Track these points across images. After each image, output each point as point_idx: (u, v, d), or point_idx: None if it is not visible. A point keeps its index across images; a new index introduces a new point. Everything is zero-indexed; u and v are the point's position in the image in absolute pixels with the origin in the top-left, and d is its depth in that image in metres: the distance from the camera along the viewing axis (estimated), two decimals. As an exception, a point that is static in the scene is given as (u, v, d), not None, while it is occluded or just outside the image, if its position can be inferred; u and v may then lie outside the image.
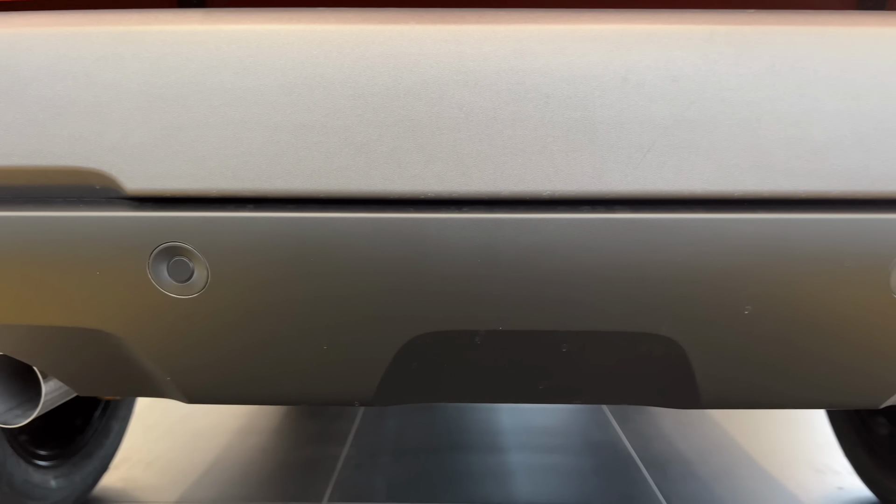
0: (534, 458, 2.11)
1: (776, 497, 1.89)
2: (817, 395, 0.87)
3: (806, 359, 0.83)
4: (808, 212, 0.76)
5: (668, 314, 0.80)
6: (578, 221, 0.76)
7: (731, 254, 0.76)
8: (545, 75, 0.75)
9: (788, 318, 0.79)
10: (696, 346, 0.82)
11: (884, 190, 0.75)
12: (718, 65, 0.74)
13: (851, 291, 0.78)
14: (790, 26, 0.76)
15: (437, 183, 0.75)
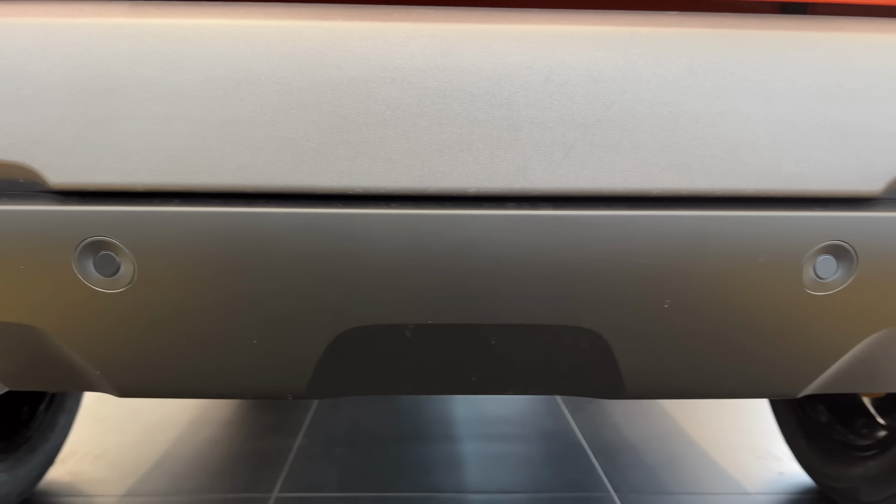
0: (486, 448, 2.14)
1: (719, 483, 1.95)
2: (737, 385, 0.90)
3: (725, 351, 0.86)
4: (723, 209, 0.78)
5: (590, 308, 0.82)
6: (504, 218, 0.77)
7: (651, 250, 0.78)
8: (470, 74, 0.76)
9: (707, 311, 0.82)
10: (618, 339, 0.84)
11: (796, 189, 0.78)
12: (638, 66, 0.76)
13: (766, 286, 0.81)
14: (708, 29, 0.78)
15: (365, 179, 0.76)
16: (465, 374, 0.92)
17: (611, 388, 0.91)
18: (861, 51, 0.79)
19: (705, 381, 0.90)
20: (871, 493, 1.70)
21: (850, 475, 1.76)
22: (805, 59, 0.78)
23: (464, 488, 1.87)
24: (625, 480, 1.93)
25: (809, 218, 0.78)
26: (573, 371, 0.91)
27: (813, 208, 0.79)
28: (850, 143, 0.78)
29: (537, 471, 1.99)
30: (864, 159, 0.78)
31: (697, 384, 0.90)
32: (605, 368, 0.88)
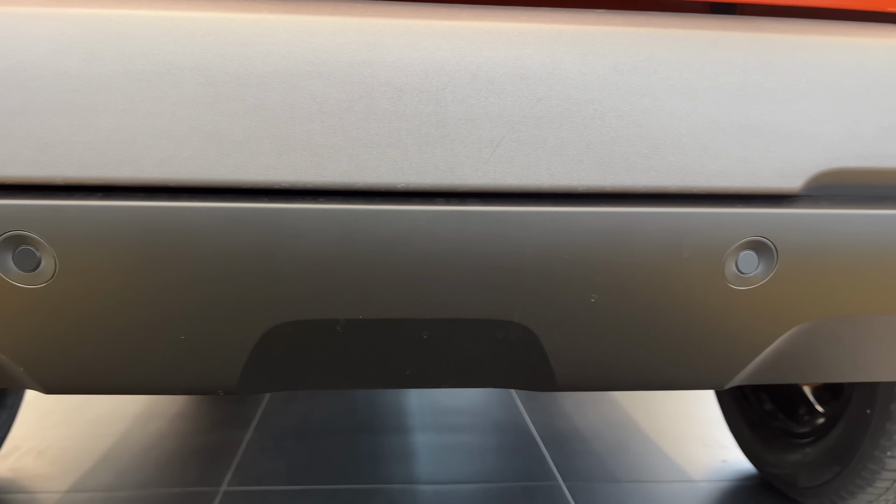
0: (438, 439, 2.15)
1: (665, 470, 1.99)
2: (665, 377, 0.92)
3: (651, 344, 0.88)
4: (647, 206, 0.80)
5: (519, 302, 0.83)
6: (433, 213, 0.78)
7: (577, 245, 0.79)
8: (398, 69, 0.76)
9: (632, 306, 0.84)
10: (547, 333, 0.85)
11: (717, 186, 0.80)
12: (564, 64, 0.77)
13: (690, 280, 0.82)
14: (633, 28, 0.79)
15: (291, 173, 0.76)
16: (399, 368, 0.92)
17: (542, 380, 0.92)
18: (781, 51, 0.80)
19: (634, 373, 0.91)
20: (808, 478, 1.76)
21: (789, 461, 1.82)
22: (727, 58, 0.80)
23: (414, 479, 1.88)
24: (573, 469, 1.96)
25: (731, 214, 0.80)
26: (505, 364, 0.92)
27: (734, 205, 0.81)
28: (770, 142, 0.80)
29: (488, 461, 2.01)
30: (783, 157, 0.80)
31: (626, 376, 0.92)
32: (536, 361, 0.89)
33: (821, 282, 0.85)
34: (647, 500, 1.82)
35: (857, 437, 1.61)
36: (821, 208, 0.82)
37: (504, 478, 1.90)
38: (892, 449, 1.55)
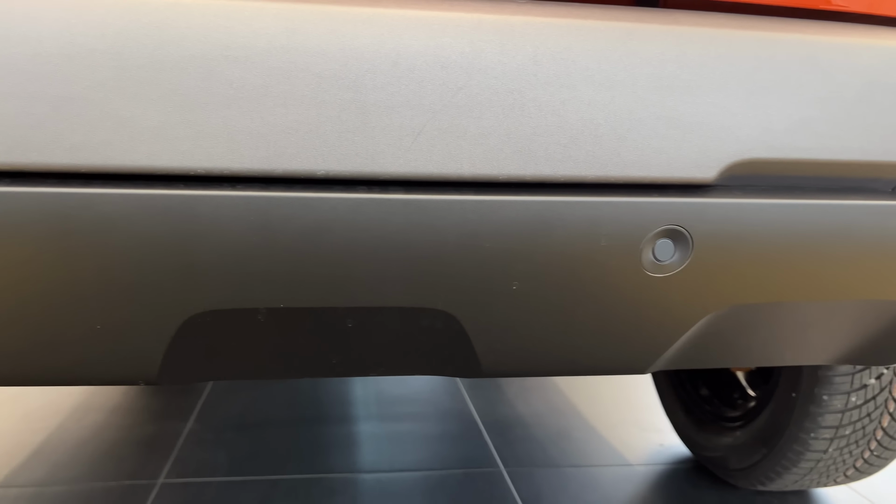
0: (381, 428, 2.16)
1: (603, 455, 2.03)
2: (587, 363, 0.94)
3: (572, 330, 0.89)
4: (566, 195, 0.81)
5: (443, 290, 0.83)
6: (353, 201, 0.77)
7: (498, 234, 0.80)
8: (317, 55, 0.75)
9: (553, 293, 0.85)
10: (470, 320, 0.86)
11: (634, 175, 0.81)
12: (485, 53, 0.78)
13: (608, 268, 0.84)
14: (553, 18, 0.80)
15: (208, 160, 0.74)
16: (324, 356, 0.92)
17: (468, 366, 0.93)
18: (696, 44, 0.82)
19: (556, 358, 0.93)
20: (738, 460, 1.82)
21: (721, 444, 1.88)
22: (644, 50, 0.81)
23: (356, 468, 1.88)
24: (514, 455, 1.99)
25: (647, 204, 0.82)
26: (431, 351, 0.93)
27: (651, 194, 0.83)
28: (685, 133, 0.82)
29: (431, 449, 2.02)
30: (698, 148, 0.82)
31: (549, 362, 0.94)
32: (461, 348, 0.90)
33: (735, 269, 0.87)
34: (585, 484, 1.86)
35: (783, 420, 1.67)
36: (734, 198, 0.84)
37: (446, 465, 1.92)
38: (815, 431, 1.62)
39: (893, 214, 0.90)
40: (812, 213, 0.87)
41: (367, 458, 1.95)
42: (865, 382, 1.57)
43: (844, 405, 1.59)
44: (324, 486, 1.79)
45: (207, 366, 0.90)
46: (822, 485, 1.78)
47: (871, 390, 1.59)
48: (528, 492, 1.79)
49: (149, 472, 1.83)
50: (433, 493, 1.76)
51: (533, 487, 1.82)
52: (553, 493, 1.80)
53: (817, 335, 0.99)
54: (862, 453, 1.69)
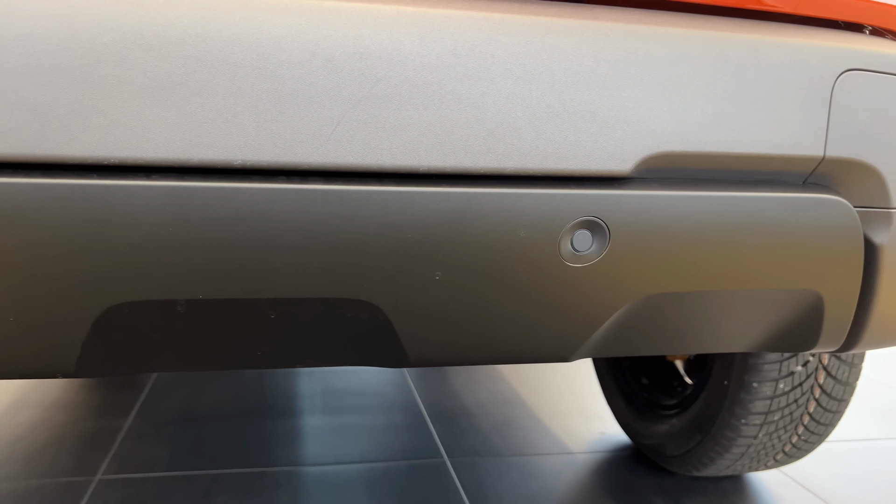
0: (327, 421, 2.15)
1: (546, 444, 2.07)
2: (511, 351, 0.96)
3: (495, 319, 0.91)
4: (485, 186, 0.82)
5: (366, 281, 0.84)
6: (272, 191, 0.77)
7: (419, 224, 0.81)
8: (233, 44, 0.75)
9: (475, 282, 0.86)
10: (395, 310, 0.87)
11: (552, 167, 0.83)
12: (404, 45, 0.78)
13: (528, 258, 0.86)
14: (472, 11, 0.81)
15: (121, 149, 0.74)
16: (248, 348, 0.91)
17: (394, 356, 0.94)
18: (612, 39, 0.84)
19: (481, 347, 0.95)
20: (674, 447, 1.87)
21: (659, 432, 1.93)
22: (562, 45, 0.83)
23: (299, 462, 1.88)
24: (458, 445, 2.01)
25: (565, 195, 0.84)
26: (357, 342, 0.93)
27: (568, 186, 0.84)
28: (601, 126, 0.84)
29: (375, 441, 2.03)
30: (614, 141, 0.84)
31: (475, 351, 0.95)
32: (386, 338, 0.90)
33: (652, 259, 0.90)
34: (526, 472, 1.89)
35: (716, 407, 1.73)
36: (650, 190, 0.87)
37: (390, 457, 1.93)
38: (745, 417, 1.67)
39: (804, 206, 0.93)
40: (725, 205, 0.90)
41: (310, 451, 1.95)
42: (792, 370, 1.63)
43: (773, 392, 1.65)
44: (266, 480, 1.78)
45: (128, 358, 0.89)
46: (753, 469, 1.84)
47: (798, 377, 1.65)
48: (471, 481, 1.81)
49: (86, 468, 1.79)
50: (376, 485, 1.77)
51: (475, 477, 1.84)
52: (495, 482, 1.82)
53: (733, 323, 1.03)
54: (790, 438, 1.75)
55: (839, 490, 1.89)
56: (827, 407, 1.71)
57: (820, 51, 0.92)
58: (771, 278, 0.96)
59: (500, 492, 1.77)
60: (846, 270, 0.98)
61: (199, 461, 1.85)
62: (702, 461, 1.81)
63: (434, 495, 1.73)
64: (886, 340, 1.13)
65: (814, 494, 1.86)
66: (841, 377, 1.69)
